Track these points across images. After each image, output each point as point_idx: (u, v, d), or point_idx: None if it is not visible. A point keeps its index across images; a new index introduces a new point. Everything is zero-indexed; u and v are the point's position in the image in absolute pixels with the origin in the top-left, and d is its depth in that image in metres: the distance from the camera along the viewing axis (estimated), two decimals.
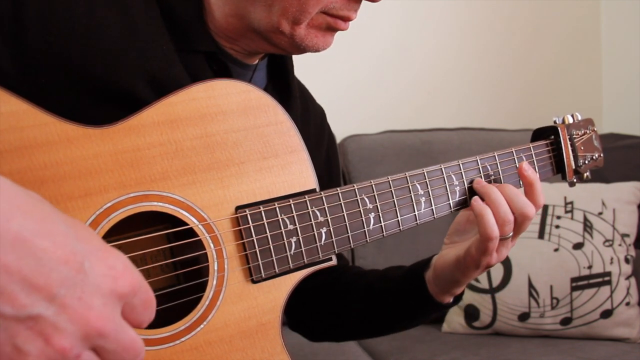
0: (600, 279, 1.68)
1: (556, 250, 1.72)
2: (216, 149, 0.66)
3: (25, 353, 0.39)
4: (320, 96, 0.98)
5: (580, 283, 1.68)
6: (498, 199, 0.78)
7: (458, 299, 0.87)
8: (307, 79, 0.97)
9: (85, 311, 0.41)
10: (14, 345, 0.39)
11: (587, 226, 1.73)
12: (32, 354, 0.39)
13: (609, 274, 1.68)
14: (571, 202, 1.76)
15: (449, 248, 0.85)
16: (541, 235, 1.74)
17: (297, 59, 0.86)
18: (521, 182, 0.84)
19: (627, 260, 1.71)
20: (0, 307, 0.38)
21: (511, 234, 0.78)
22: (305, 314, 0.96)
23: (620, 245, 1.71)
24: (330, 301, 0.94)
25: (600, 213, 1.74)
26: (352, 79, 2.11)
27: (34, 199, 0.42)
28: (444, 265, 0.83)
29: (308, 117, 0.91)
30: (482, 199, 0.79)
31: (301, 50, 0.74)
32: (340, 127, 1.95)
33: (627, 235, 1.74)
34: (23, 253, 0.39)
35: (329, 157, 0.96)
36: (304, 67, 0.87)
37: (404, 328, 0.93)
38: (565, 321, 1.68)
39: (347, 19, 0.73)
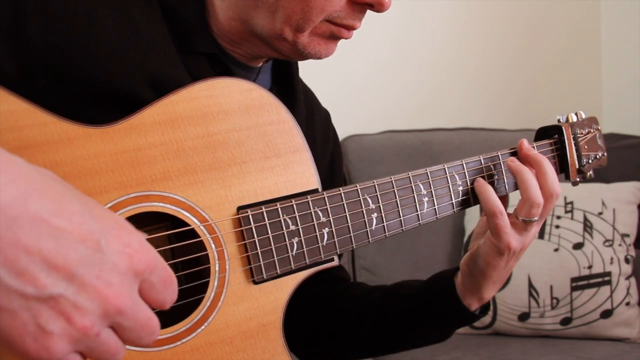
0: (600, 279, 1.68)
1: (556, 250, 1.72)
2: (218, 148, 0.65)
3: (48, 332, 0.40)
4: (320, 96, 0.98)
5: (580, 283, 1.68)
6: (530, 179, 0.78)
7: (484, 310, 0.85)
8: (307, 79, 0.96)
9: (104, 289, 0.41)
10: (38, 324, 0.39)
11: (587, 226, 1.73)
12: (55, 333, 0.40)
13: (609, 274, 1.68)
14: (571, 202, 1.76)
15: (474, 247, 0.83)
16: (541, 235, 1.74)
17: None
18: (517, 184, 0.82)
19: (627, 260, 1.71)
20: (23, 288, 0.39)
21: (536, 218, 0.77)
22: (303, 330, 0.92)
23: (620, 245, 1.71)
24: (335, 315, 0.91)
25: (600, 213, 1.74)
26: (352, 79, 2.10)
27: (48, 177, 0.42)
28: (467, 260, 0.81)
29: (313, 120, 0.90)
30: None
31: (303, 57, 0.74)
32: (341, 127, 1.93)
33: (627, 235, 1.74)
34: (42, 233, 0.39)
35: (333, 160, 0.95)
36: (304, 67, 0.87)
37: (422, 340, 0.90)
38: (565, 321, 1.68)
39: (351, 28, 0.73)
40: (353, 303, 0.91)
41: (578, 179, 0.92)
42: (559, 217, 1.75)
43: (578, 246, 1.71)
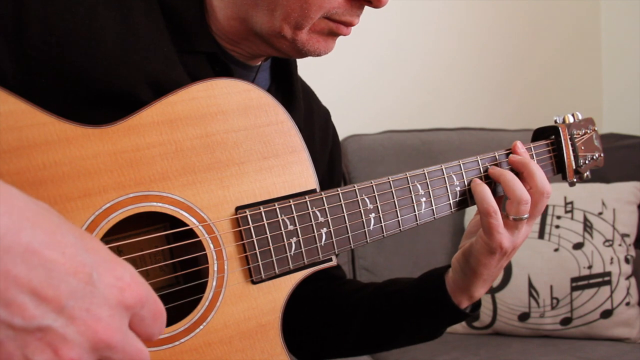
0: (600, 279, 1.68)
1: (556, 250, 1.72)
2: (216, 148, 0.66)
3: None
4: (320, 96, 0.98)
5: (580, 283, 1.68)
6: (512, 179, 0.78)
7: (474, 309, 0.84)
8: (307, 78, 0.96)
9: (93, 323, 0.41)
10: (24, 355, 0.39)
11: (587, 226, 1.73)
12: None
13: (609, 274, 1.68)
14: (571, 202, 1.76)
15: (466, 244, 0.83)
16: (541, 235, 1.74)
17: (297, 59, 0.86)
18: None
19: (627, 260, 1.71)
20: (10, 319, 0.39)
21: (526, 216, 0.77)
22: (297, 327, 0.92)
23: (620, 245, 1.71)
24: (327, 311, 0.91)
25: (600, 213, 1.74)
26: (352, 79, 2.10)
27: (43, 209, 0.42)
28: (459, 257, 0.81)
29: (312, 118, 0.90)
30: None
31: (302, 54, 0.74)
32: (341, 127, 1.94)
33: (627, 235, 1.74)
34: (33, 265, 0.39)
35: (333, 159, 0.95)
36: (304, 67, 0.87)
37: (413, 338, 0.90)
38: (565, 321, 1.68)
39: (349, 25, 0.73)
40: (345, 300, 0.91)
41: (575, 180, 0.92)
42: (559, 217, 1.75)
43: (578, 246, 1.71)
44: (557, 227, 1.74)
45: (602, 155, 0.96)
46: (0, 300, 0.38)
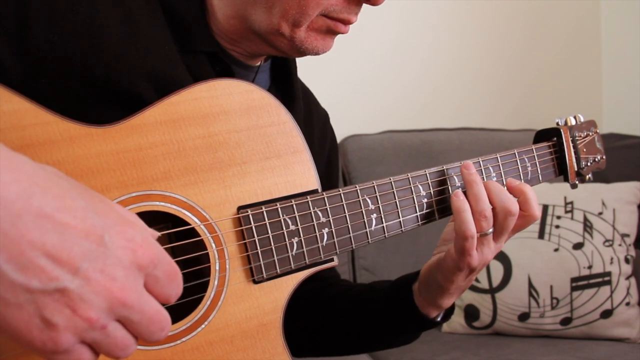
0: (600, 279, 1.68)
1: (556, 250, 1.72)
2: (218, 148, 0.66)
3: (54, 324, 0.40)
4: (320, 96, 0.98)
5: (580, 283, 1.69)
6: (480, 192, 0.75)
7: (447, 316, 0.84)
8: (307, 79, 0.97)
9: (108, 283, 0.42)
10: (43, 317, 0.40)
11: (587, 226, 1.73)
12: (61, 325, 0.40)
13: (609, 274, 1.68)
14: (571, 202, 1.76)
15: (435, 256, 0.82)
16: (541, 235, 1.74)
17: (297, 58, 0.86)
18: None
19: (627, 260, 1.71)
20: (28, 282, 0.39)
21: (491, 230, 0.75)
22: (295, 328, 0.92)
23: (620, 245, 1.72)
24: (314, 311, 0.92)
25: (600, 213, 1.74)
26: (352, 79, 2.11)
27: (52, 174, 0.43)
28: (426, 270, 0.80)
29: (311, 119, 0.91)
30: (464, 192, 0.77)
31: (301, 52, 0.74)
32: (341, 127, 1.94)
33: (627, 235, 1.74)
34: (46, 228, 0.40)
35: (330, 161, 0.96)
36: (304, 67, 0.87)
37: (387, 344, 0.90)
38: (565, 321, 1.68)
39: (347, 22, 0.73)
40: (328, 304, 0.91)
41: (577, 182, 0.92)
42: (559, 217, 1.75)
43: (578, 246, 1.71)
44: (557, 227, 1.74)
45: (603, 157, 0.97)
46: (17, 264, 0.39)
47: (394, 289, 0.85)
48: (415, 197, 0.78)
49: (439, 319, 0.83)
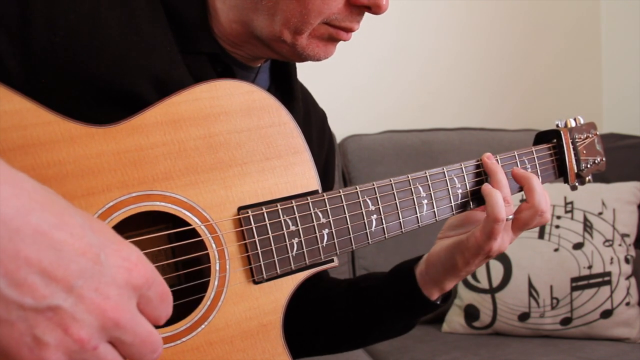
0: (600, 279, 1.68)
1: (556, 250, 1.72)
2: (219, 149, 0.66)
3: (44, 343, 0.40)
4: (320, 96, 0.98)
5: (580, 283, 1.69)
6: (503, 178, 0.80)
7: (445, 300, 0.86)
8: (307, 79, 0.97)
9: (102, 301, 0.42)
10: (34, 335, 0.40)
11: (587, 226, 1.73)
12: (51, 344, 0.40)
13: (609, 274, 1.69)
14: (571, 202, 1.76)
15: (444, 239, 0.84)
16: (541, 235, 1.74)
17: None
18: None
19: (627, 260, 1.71)
20: (21, 299, 0.39)
21: (511, 217, 0.79)
22: (294, 328, 0.92)
23: (620, 245, 1.72)
24: (311, 306, 0.91)
25: (600, 213, 1.74)
26: (352, 79, 2.11)
27: (50, 193, 0.43)
28: (439, 251, 0.82)
29: (310, 120, 0.91)
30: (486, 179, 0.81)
31: (302, 58, 0.75)
32: (341, 127, 1.95)
33: (627, 235, 1.74)
34: (43, 245, 0.39)
35: (327, 161, 0.96)
36: (304, 67, 0.87)
37: (385, 332, 0.90)
38: (565, 321, 1.68)
39: (349, 30, 0.73)
40: (320, 297, 0.92)
41: (577, 184, 0.92)
42: (559, 217, 1.75)
43: (578, 246, 1.71)
44: (557, 227, 1.74)
45: (603, 159, 0.97)
46: (11, 280, 0.38)
47: (394, 274, 0.86)
48: (415, 199, 0.78)
49: (438, 302, 0.84)
